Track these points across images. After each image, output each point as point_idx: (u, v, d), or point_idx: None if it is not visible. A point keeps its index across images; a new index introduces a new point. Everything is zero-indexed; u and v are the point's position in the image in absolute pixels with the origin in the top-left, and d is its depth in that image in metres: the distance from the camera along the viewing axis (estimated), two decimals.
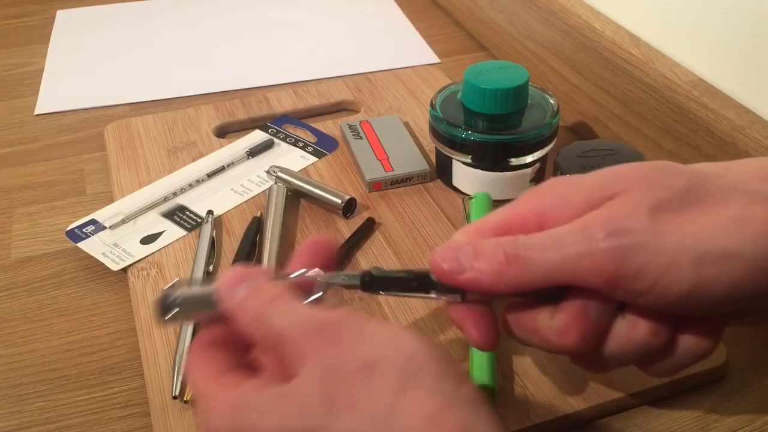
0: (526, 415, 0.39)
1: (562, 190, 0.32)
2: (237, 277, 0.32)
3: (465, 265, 0.30)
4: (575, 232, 0.29)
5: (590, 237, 0.29)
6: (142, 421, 0.41)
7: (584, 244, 0.29)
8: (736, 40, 0.50)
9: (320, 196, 0.54)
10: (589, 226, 0.29)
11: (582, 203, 0.31)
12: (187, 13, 0.88)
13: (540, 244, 0.30)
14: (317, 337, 0.28)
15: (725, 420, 0.40)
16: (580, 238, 0.29)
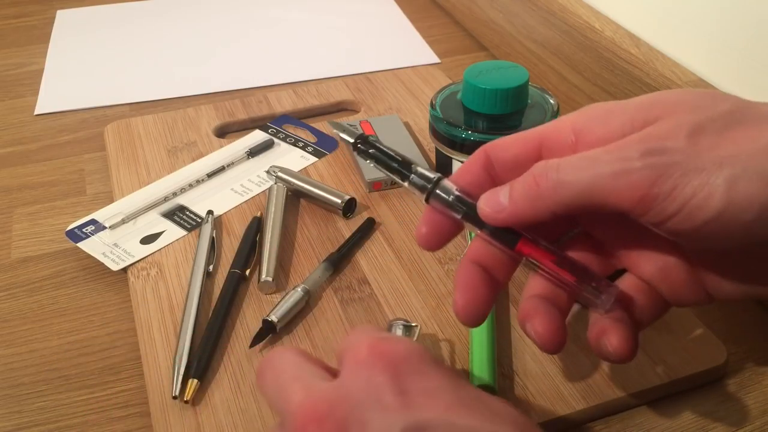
0: (526, 415, 0.39)
1: (604, 111, 0.31)
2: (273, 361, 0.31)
3: (504, 203, 0.32)
4: (611, 151, 0.29)
5: (627, 156, 0.28)
6: (142, 421, 0.41)
7: (620, 163, 0.28)
8: (735, 40, 0.50)
9: (320, 196, 0.54)
10: (626, 146, 0.29)
11: (622, 125, 0.30)
12: (187, 13, 0.88)
13: (574, 164, 0.30)
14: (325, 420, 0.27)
15: (725, 420, 0.40)
16: (615, 157, 0.29)
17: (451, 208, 0.34)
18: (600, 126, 0.31)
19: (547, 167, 0.30)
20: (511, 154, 0.34)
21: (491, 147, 0.34)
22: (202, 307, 0.46)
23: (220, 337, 0.44)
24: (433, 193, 0.35)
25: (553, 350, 0.33)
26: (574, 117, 0.32)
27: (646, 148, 0.28)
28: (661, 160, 0.28)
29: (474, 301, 0.33)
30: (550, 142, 0.33)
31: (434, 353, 0.42)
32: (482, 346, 0.41)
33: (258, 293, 0.47)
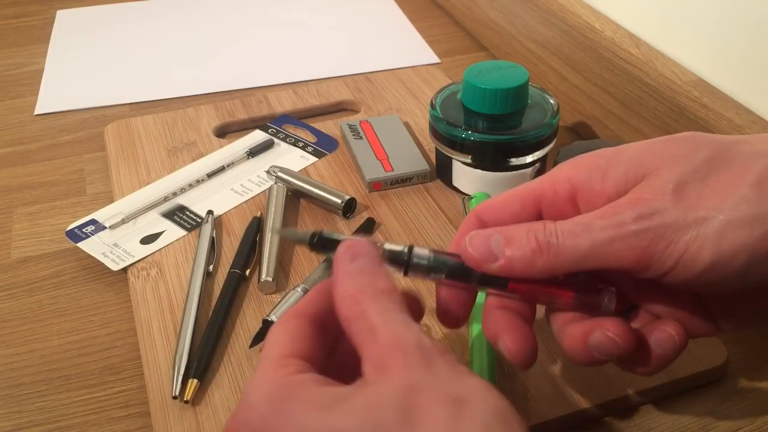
0: (526, 415, 0.39)
1: (600, 165, 0.33)
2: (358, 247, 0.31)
3: (496, 253, 0.32)
4: (605, 217, 0.31)
5: (620, 222, 0.30)
6: (142, 421, 0.41)
7: (614, 229, 0.30)
8: (736, 40, 0.50)
9: (320, 196, 0.54)
10: (618, 212, 0.30)
11: (617, 182, 0.32)
12: (187, 13, 0.88)
13: (571, 230, 0.31)
14: (410, 354, 0.26)
15: (725, 420, 0.40)
16: (610, 224, 0.30)
17: (432, 272, 0.33)
18: (598, 182, 0.32)
19: (546, 233, 0.31)
20: (508, 215, 0.34)
21: (483, 210, 0.35)
22: (202, 307, 0.46)
23: (220, 337, 0.44)
24: (411, 264, 0.33)
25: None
26: (570, 170, 0.33)
27: (638, 214, 0.30)
28: (653, 223, 0.30)
29: (524, 340, 0.33)
30: (549, 199, 0.34)
31: None
32: (482, 347, 0.41)
33: (258, 293, 0.47)
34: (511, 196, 0.34)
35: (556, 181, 0.33)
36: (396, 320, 0.28)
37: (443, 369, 0.26)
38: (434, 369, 0.26)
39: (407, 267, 0.33)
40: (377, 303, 0.29)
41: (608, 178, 0.32)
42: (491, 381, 0.39)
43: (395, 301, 0.29)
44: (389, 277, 0.31)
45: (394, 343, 0.27)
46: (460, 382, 0.26)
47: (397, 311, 0.29)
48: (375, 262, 0.31)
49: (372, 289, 0.29)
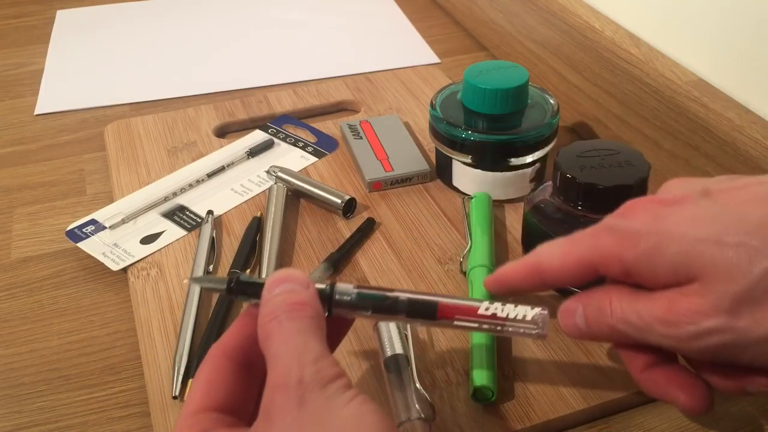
0: (526, 415, 0.39)
1: (646, 251, 0.33)
2: (283, 276, 0.32)
3: (582, 329, 0.36)
4: (665, 324, 0.32)
5: (679, 338, 0.31)
6: (142, 421, 0.41)
7: (673, 342, 0.32)
8: (736, 40, 0.50)
9: (320, 196, 0.54)
10: (677, 322, 0.31)
11: (666, 276, 0.32)
12: (187, 13, 0.88)
13: (635, 324, 0.33)
14: (289, 394, 0.27)
15: (725, 420, 0.40)
16: (669, 334, 0.32)
17: (356, 309, 0.34)
18: (646, 269, 0.33)
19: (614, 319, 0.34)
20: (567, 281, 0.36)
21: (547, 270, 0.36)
22: (202, 307, 0.46)
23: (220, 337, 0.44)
24: (334, 300, 0.33)
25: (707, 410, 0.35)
26: (619, 250, 0.34)
27: (695, 332, 0.31)
28: (711, 342, 0.31)
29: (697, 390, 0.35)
30: (604, 271, 0.35)
31: (434, 354, 0.43)
32: (482, 347, 0.41)
33: None
34: (571, 266, 0.35)
35: (607, 260, 0.34)
36: (291, 349, 0.29)
37: (315, 407, 0.27)
38: (305, 409, 0.27)
39: (330, 304, 0.33)
40: (283, 325, 0.30)
41: (657, 271, 0.32)
42: (491, 382, 0.39)
43: (303, 317, 0.30)
44: (307, 293, 0.32)
45: (279, 384, 0.28)
46: (330, 420, 0.27)
47: (300, 333, 0.30)
48: (297, 284, 0.32)
49: (283, 307, 0.31)
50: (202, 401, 0.30)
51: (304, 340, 0.29)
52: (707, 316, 0.30)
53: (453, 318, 0.35)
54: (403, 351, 0.40)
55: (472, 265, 0.46)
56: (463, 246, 0.50)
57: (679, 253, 0.31)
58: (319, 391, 0.27)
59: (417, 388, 0.38)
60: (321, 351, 0.29)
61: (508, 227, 0.52)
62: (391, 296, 0.34)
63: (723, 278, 0.30)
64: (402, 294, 0.34)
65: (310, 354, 0.29)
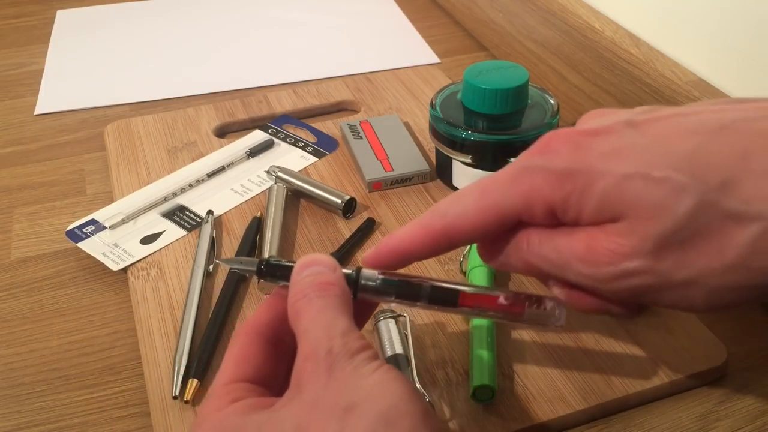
0: (526, 415, 0.39)
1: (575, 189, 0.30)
2: (312, 260, 0.33)
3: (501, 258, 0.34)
4: (585, 263, 0.31)
5: (599, 278, 0.31)
6: (142, 421, 0.41)
7: (592, 282, 0.31)
8: (736, 40, 0.50)
9: (320, 196, 0.54)
10: (598, 262, 0.30)
11: (592, 214, 0.30)
12: (187, 13, 0.88)
13: (553, 261, 0.32)
14: (319, 364, 0.28)
15: (725, 420, 0.40)
16: (589, 274, 0.31)
17: (380, 294, 0.34)
18: (573, 208, 0.31)
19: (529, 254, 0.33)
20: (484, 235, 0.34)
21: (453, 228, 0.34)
22: (202, 307, 0.46)
23: (220, 337, 0.44)
24: (360, 285, 0.34)
25: None
26: (542, 190, 0.31)
27: (616, 273, 0.30)
28: (632, 283, 0.30)
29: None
30: (527, 217, 0.32)
31: (435, 354, 0.43)
32: (482, 347, 0.41)
33: (258, 293, 0.47)
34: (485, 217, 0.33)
35: (531, 202, 0.32)
36: (320, 324, 0.30)
37: (343, 375, 0.28)
38: (335, 377, 0.28)
39: (356, 290, 0.34)
40: (312, 302, 0.31)
41: (584, 211, 0.30)
42: (491, 382, 0.39)
43: (331, 296, 0.31)
44: (335, 275, 0.33)
45: (309, 354, 0.29)
46: (357, 386, 0.28)
47: (328, 309, 0.31)
48: (325, 267, 0.33)
49: (312, 287, 0.32)
50: (234, 373, 0.32)
51: (332, 316, 0.30)
52: (628, 257, 0.29)
53: (473, 306, 0.35)
54: (403, 351, 0.40)
55: (472, 265, 0.46)
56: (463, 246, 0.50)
57: (605, 190, 0.30)
58: (347, 360, 0.28)
59: (417, 388, 0.38)
60: (348, 325, 0.30)
61: None
62: (415, 282, 0.34)
63: (648, 217, 0.29)
64: (425, 281, 0.35)
65: (338, 328, 0.30)
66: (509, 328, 0.44)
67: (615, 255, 0.30)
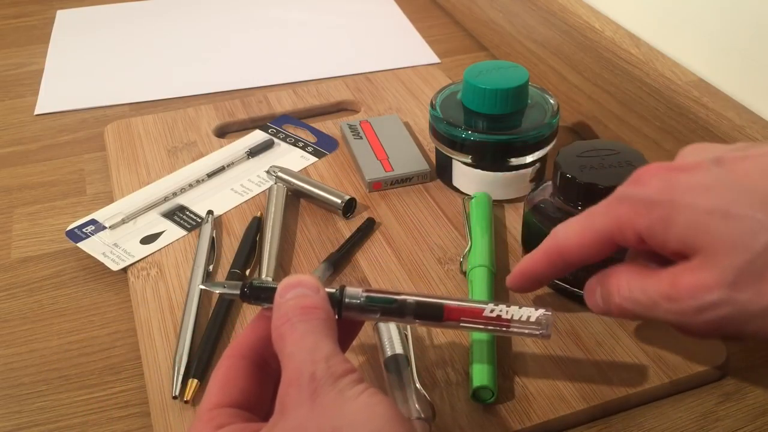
0: (526, 415, 0.39)
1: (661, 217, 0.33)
2: (295, 281, 0.33)
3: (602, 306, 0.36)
4: (671, 300, 0.32)
5: (683, 312, 0.32)
6: (142, 421, 0.41)
7: (678, 317, 0.32)
8: (736, 40, 0.50)
9: (320, 196, 0.54)
10: (681, 298, 0.32)
11: (677, 244, 0.32)
12: (187, 13, 0.88)
13: (641, 302, 0.34)
14: (302, 390, 0.29)
15: (725, 420, 0.40)
16: (673, 310, 0.32)
17: (365, 312, 0.35)
18: (660, 235, 0.33)
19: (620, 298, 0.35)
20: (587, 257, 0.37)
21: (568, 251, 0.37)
22: (202, 307, 0.46)
23: (220, 337, 0.44)
24: (345, 304, 0.34)
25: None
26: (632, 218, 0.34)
27: (699, 306, 0.31)
28: (713, 316, 0.31)
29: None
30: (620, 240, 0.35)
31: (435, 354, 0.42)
32: (482, 347, 0.41)
33: None
34: (590, 239, 0.36)
35: (622, 229, 0.34)
36: (304, 348, 0.30)
37: (327, 400, 0.28)
38: (319, 403, 0.28)
39: (341, 308, 0.34)
40: (295, 327, 0.31)
41: (669, 239, 0.32)
42: (491, 382, 0.39)
43: (314, 320, 0.31)
44: (318, 297, 0.33)
45: (292, 379, 0.29)
46: (341, 411, 0.28)
47: (312, 333, 0.31)
48: (308, 289, 0.33)
49: (295, 310, 0.32)
50: (219, 398, 0.32)
51: (316, 340, 0.30)
52: (709, 290, 0.31)
53: (459, 320, 0.35)
54: (403, 351, 0.40)
55: (472, 265, 0.46)
56: (463, 246, 0.50)
57: (687, 224, 0.32)
58: (331, 385, 0.28)
59: (417, 388, 0.38)
60: (332, 349, 0.30)
61: (508, 227, 0.52)
62: (399, 299, 0.35)
63: (726, 251, 0.31)
64: (409, 297, 0.35)
65: (322, 352, 0.30)
66: None
67: (696, 289, 0.31)
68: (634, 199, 0.34)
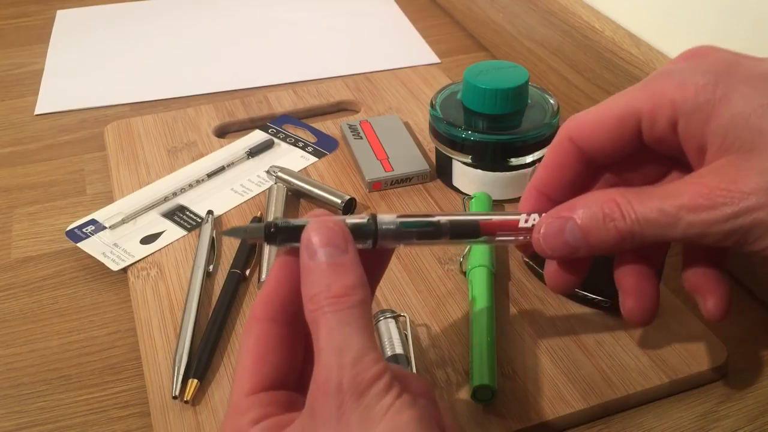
0: (526, 415, 0.39)
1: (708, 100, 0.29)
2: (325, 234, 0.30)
3: (575, 246, 0.31)
4: (695, 210, 0.29)
5: (713, 221, 0.29)
6: (142, 421, 0.41)
7: (705, 228, 0.29)
8: (736, 40, 0.50)
9: (320, 196, 0.54)
10: (712, 205, 0.29)
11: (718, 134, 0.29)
12: (187, 13, 0.88)
13: (657, 221, 0.30)
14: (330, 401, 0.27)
15: (725, 420, 0.40)
16: (701, 221, 0.29)
17: (401, 238, 0.32)
18: (700, 122, 0.30)
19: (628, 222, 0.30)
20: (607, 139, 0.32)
21: (577, 133, 0.32)
22: (202, 307, 0.46)
23: (220, 337, 0.44)
24: (381, 230, 0.32)
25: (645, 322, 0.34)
26: (675, 92, 0.30)
27: (733, 212, 0.28)
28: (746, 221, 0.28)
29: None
30: (648, 122, 0.31)
31: (435, 354, 0.43)
32: (482, 346, 0.41)
33: (258, 293, 0.47)
34: (609, 116, 0.31)
35: (658, 104, 0.30)
36: (333, 345, 0.28)
37: (353, 421, 0.27)
38: (344, 422, 0.27)
39: (375, 238, 0.32)
40: (327, 318, 0.28)
41: (711, 124, 0.29)
42: (491, 382, 0.39)
43: (346, 308, 0.29)
44: (350, 272, 0.29)
45: (320, 384, 0.27)
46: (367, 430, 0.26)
47: (342, 326, 0.28)
48: (336, 253, 0.29)
49: (326, 295, 0.29)
50: (253, 383, 0.30)
51: (345, 337, 0.28)
52: (748, 194, 0.28)
53: (495, 233, 0.34)
54: (403, 351, 0.40)
55: (472, 265, 0.46)
56: (463, 246, 0.50)
57: (736, 114, 0.29)
58: (357, 401, 0.27)
59: None
60: (362, 347, 0.28)
61: None
62: (434, 221, 0.33)
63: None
64: (443, 217, 0.33)
65: (351, 352, 0.28)
66: (509, 328, 0.44)
67: (732, 193, 0.28)
68: (683, 73, 0.30)
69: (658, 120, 0.31)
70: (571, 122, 0.33)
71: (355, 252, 0.30)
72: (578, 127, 0.33)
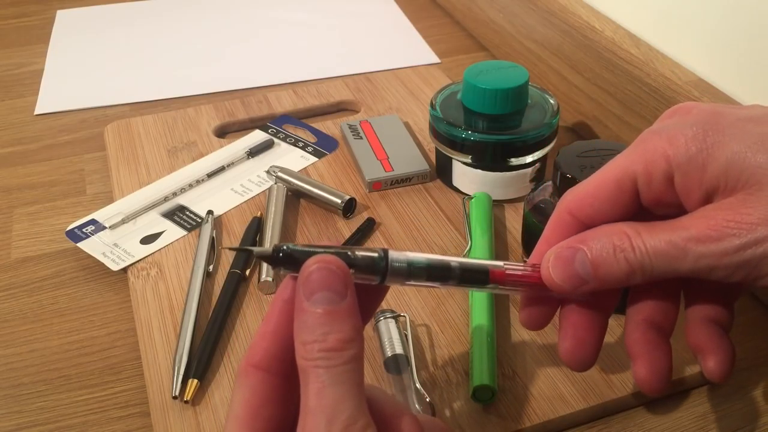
0: (526, 415, 0.39)
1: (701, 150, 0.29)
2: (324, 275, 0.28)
3: (585, 278, 0.31)
4: (704, 241, 0.29)
5: (723, 252, 0.29)
6: (142, 421, 0.41)
7: (716, 259, 0.29)
8: (736, 40, 0.50)
9: (320, 196, 0.54)
10: (720, 236, 0.29)
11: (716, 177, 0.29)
12: (187, 13, 0.88)
13: (667, 253, 0.30)
14: None
15: (725, 420, 0.40)
16: (711, 252, 0.29)
17: (411, 277, 0.31)
18: (697, 171, 0.30)
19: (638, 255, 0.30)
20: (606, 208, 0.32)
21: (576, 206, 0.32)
22: (202, 307, 0.46)
23: (220, 337, 0.44)
24: (391, 267, 0.30)
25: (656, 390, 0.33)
26: (666, 148, 0.30)
27: (742, 243, 0.28)
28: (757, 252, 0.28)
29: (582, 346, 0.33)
30: (644, 180, 0.31)
31: (435, 354, 0.43)
32: (482, 347, 0.41)
33: (258, 293, 0.47)
34: (605, 183, 0.31)
35: (651, 161, 0.30)
36: (324, 408, 0.26)
37: None
38: None
39: (384, 274, 0.30)
40: (318, 374, 0.27)
41: (709, 171, 0.29)
42: (491, 382, 0.39)
43: (339, 365, 0.27)
44: (347, 321, 0.28)
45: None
46: None
47: (333, 386, 0.27)
48: (334, 299, 0.28)
49: (320, 347, 0.27)
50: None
51: (338, 399, 0.27)
52: (756, 225, 0.28)
53: (505, 282, 0.32)
54: (403, 351, 0.40)
55: None
56: (463, 246, 0.50)
57: (733, 155, 0.29)
58: None
59: (417, 388, 0.38)
60: (352, 414, 0.27)
61: (508, 227, 0.52)
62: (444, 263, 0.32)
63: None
64: (453, 260, 0.32)
65: (341, 417, 0.26)
66: (509, 327, 0.44)
67: (740, 225, 0.28)
68: (672, 127, 0.30)
69: (654, 177, 0.31)
70: (569, 195, 0.33)
71: (354, 298, 0.28)
72: (577, 200, 0.32)
